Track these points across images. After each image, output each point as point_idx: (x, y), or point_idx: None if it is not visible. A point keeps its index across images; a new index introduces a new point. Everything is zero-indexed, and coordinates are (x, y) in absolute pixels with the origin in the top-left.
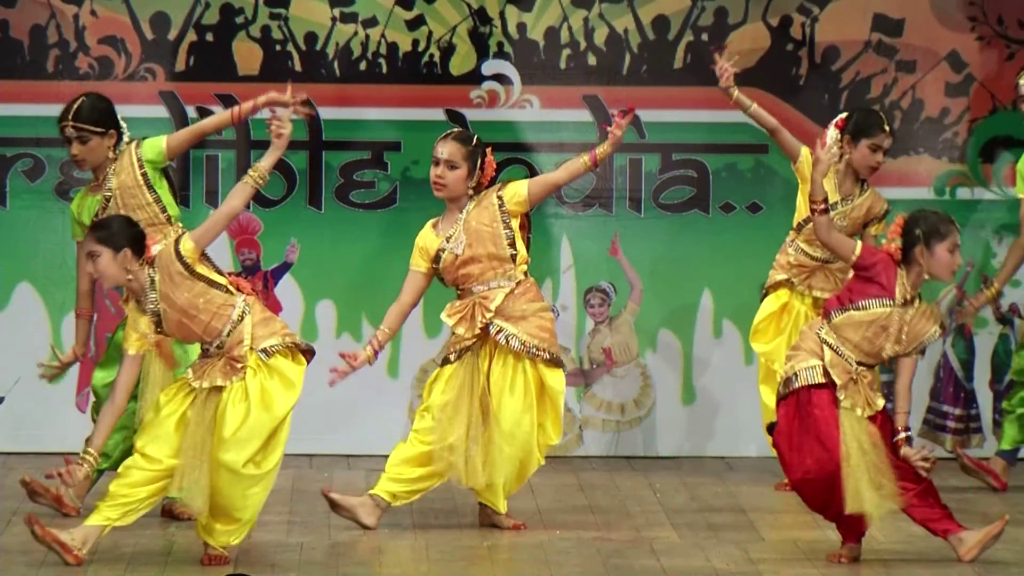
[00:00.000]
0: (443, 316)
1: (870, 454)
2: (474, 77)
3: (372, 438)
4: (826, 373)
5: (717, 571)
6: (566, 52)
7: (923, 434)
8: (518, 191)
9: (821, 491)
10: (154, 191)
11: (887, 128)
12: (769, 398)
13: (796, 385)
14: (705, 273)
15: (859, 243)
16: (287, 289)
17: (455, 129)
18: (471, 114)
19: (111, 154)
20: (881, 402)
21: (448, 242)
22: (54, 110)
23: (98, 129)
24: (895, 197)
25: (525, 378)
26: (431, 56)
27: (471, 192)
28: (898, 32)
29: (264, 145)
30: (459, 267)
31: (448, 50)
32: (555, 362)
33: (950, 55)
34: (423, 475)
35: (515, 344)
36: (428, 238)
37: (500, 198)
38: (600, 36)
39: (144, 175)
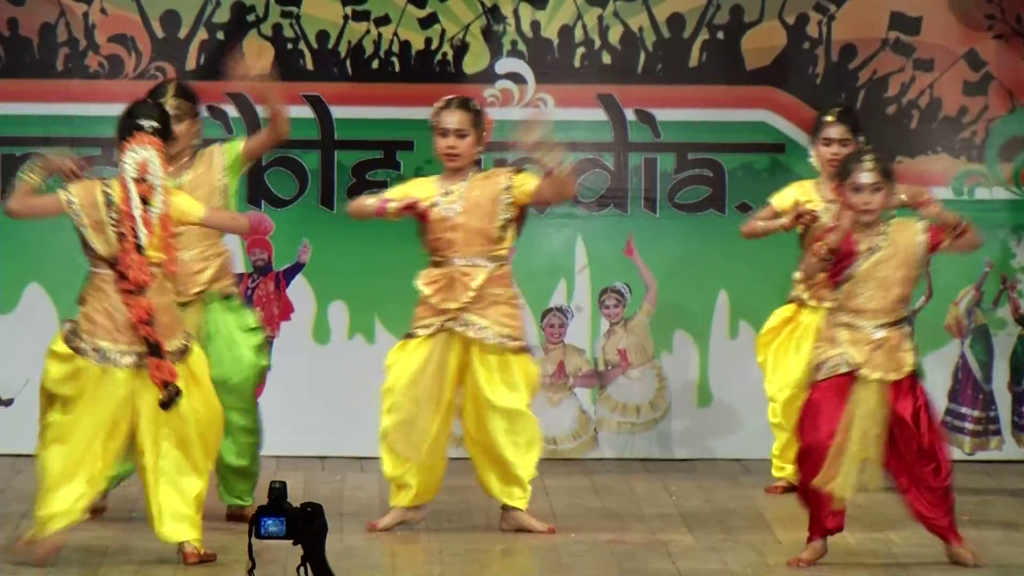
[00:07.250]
0: (419, 283)
1: (870, 434)
2: (487, 76)
3: None
4: (843, 361)
5: (733, 574)
6: (580, 50)
7: None
8: (528, 182)
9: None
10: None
11: (829, 117)
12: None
13: (818, 377)
14: (721, 273)
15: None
16: (299, 290)
17: (453, 97)
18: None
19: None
20: (911, 360)
21: (444, 199)
22: (63, 109)
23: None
24: None
25: (504, 365)
26: (444, 55)
27: (479, 158)
28: (915, 30)
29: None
30: (447, 229)
31: (461, 48)
32: (523, 350)
33: (968, 53)
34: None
35: (489, 337)
36: (426, 186)
37: (511, 181)
38: (615, 34)
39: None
